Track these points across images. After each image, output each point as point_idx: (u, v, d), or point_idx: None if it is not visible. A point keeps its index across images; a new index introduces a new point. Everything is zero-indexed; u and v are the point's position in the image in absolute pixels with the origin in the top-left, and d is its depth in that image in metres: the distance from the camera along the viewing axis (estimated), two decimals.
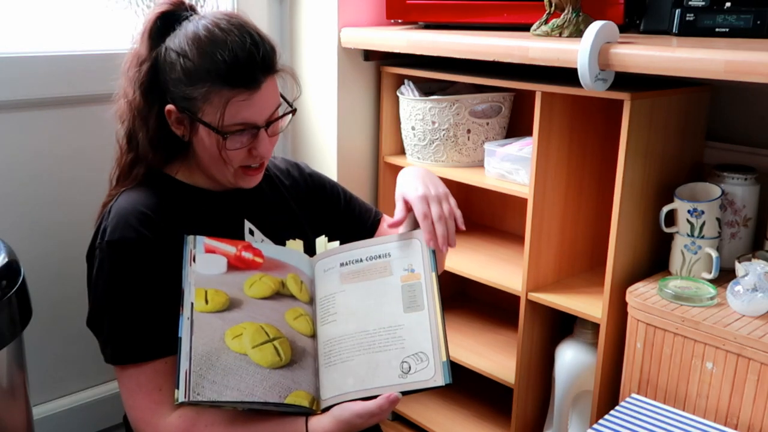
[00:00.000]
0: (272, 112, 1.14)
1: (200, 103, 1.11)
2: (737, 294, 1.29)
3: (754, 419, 1.22)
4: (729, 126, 1.62)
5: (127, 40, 1.24)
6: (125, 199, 1.16)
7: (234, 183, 1.20)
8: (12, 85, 1.44)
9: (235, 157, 1.14)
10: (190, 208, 1.19)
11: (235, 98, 1.09)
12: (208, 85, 1.09)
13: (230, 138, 1.12)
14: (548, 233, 1.60)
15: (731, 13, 1.36)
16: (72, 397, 1.65)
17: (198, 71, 1.09)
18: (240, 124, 1.11)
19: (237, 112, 1.10)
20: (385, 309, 1.12)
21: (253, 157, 1.16)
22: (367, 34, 1.73)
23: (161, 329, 1.10)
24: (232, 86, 1.08)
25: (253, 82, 1.10)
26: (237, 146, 1.13)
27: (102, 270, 1.12)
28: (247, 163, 1.17)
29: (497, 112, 1.77)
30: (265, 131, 1.14)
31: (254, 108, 1.11)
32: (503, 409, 1.87)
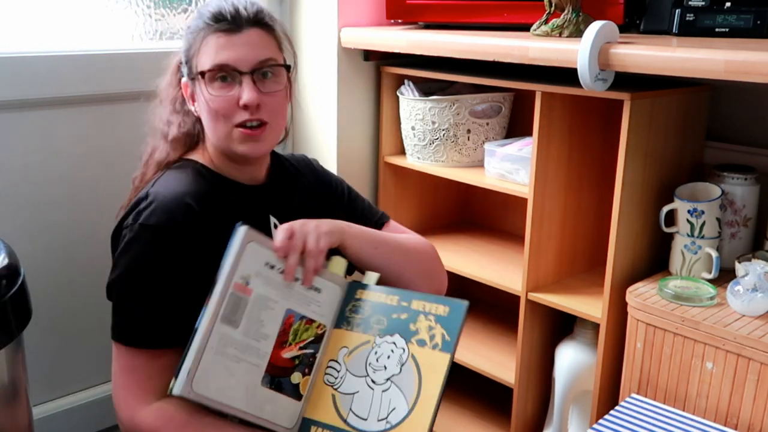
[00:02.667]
0: (259, 61, 1.14)
1: (195, 59, 1.15)
2: (737, 294, 1.29)
3: (754, 419, 1.22)
4: (729, 126, 1.62)
5: (128, 39, 1.25)
6: (165, 185, 1.16)
7: (234, 149, 1.17)
8: (10, 85, 1.44)
9: (221, 106, 1.13)
10: (224, 199, 1.19)
11: (214, 35, 1.13)
12: (200, 34, 1.14)
13: (212, 83, 1.13)
14: (548, 233, 1.60)
15: (731, 13, 1.36)
16: (72, 397, 1.65)
17: (193, 27, 1.16)
18: (218, 66, 1.12)
19: (216, 51, 1.13)
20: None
21: (241, 109, 1.13)
22: (367, 34, 1.73)
23: (171, 321, 1.11)
24: (214, 25, 1.13)
25: (234, 24, 1.13)
26: (222, 92, 1.13)
27: (129, 249, 1.12)
28: (241, 119, 1.14)
29: (497, 112, 1.77)
30: (252, 80, 1.13)
31: (234, 50, 1.12)
32: (503, 409, 1.87)
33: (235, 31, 1.13)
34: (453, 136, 1.74)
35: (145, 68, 1.62)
